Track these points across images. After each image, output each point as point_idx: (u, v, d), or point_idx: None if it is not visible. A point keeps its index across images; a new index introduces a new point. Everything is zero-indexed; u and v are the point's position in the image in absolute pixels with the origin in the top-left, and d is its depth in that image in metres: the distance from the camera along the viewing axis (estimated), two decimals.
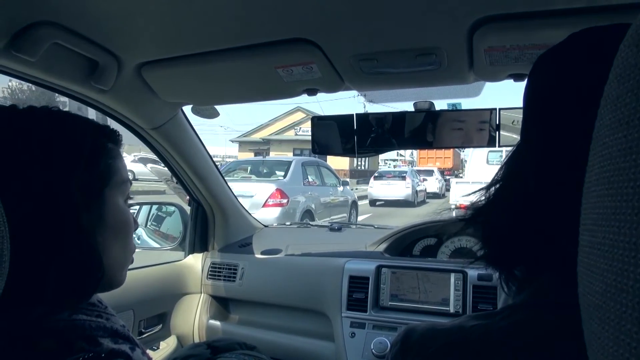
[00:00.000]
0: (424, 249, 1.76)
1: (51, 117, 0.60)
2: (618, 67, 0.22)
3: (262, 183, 7.72)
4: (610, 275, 0.20)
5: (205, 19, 0.90)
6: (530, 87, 0.48)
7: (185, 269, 1.87)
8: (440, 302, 1.48)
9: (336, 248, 1.78)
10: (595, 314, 0.22)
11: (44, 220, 0.51)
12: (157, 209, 2.12)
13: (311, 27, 0.93)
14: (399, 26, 0.90)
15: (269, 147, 26.81)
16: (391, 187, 16.25)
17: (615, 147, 0.21)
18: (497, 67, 1.01)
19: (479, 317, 0.45)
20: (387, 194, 16.22)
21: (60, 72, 1.05)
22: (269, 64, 1.07)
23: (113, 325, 0.55)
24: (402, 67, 1.06)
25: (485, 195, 0.51)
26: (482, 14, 0.84)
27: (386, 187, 16.36)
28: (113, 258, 0.62)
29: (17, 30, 0.86)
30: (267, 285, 1.77)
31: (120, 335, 0.55)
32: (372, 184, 16.94)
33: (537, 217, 0.43)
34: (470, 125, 1.24)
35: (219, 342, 0.95)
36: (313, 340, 1.63)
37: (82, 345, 0.50)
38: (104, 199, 0.61)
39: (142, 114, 1.38)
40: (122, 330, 0.56)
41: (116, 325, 0.56)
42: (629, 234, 0.19)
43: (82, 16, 0.89)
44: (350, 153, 1.33)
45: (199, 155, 1.68)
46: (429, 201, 18.01)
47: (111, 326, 0.55)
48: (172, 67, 1.12)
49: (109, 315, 0.58)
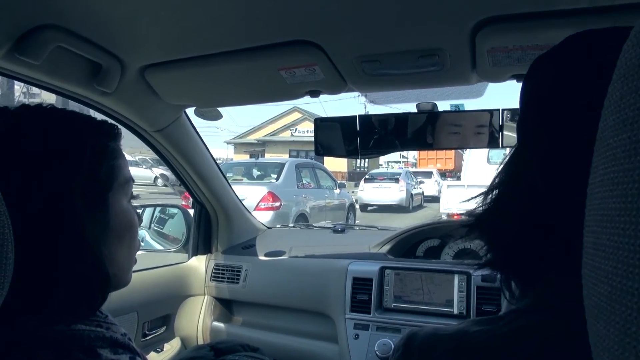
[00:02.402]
0: (427, 250, 1.76)
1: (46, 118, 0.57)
2: (622, 68, 0.22)
3: (253, 186, 7.48)
4: (616, 278, 0.20)
5: (209, 21, 0.90)
6: (528, 90, 0.48)
7: (189, 271, 1.87)
8: (444, 304, 1.47)
9: (340, 250, 1.78)
10: (600, 317, 0.22)
11: (45, 233, 0.50)
12: (160, 211, 2.13)
13: (314, 29, 0.93)
14: (401, 28, 0.90)
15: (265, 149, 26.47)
16: (383, 191, 14.66)
17: (620, 148, 0.21)
18: (500, 68, 1.01)
19: (482, 322, 0.45)
20: (379, 198, 14.69)
21: (64, 75, 1.05)
22: (271, 66, 1.07)
23: (113, 335, 0.54)
24: (404, 69, 1.06)
25: (485, 201, 0.50)
26: (485, 15, 0.84)
27: (378, 191, 14.76)
28: (119, 262, 0.61)
29: (22, 34, 0.87)
30: (270, 287, 1.76)
31: (120, 345, 0.54)
32: (362, 187, 15.27)
33: (544, 220, 0.43)
34: (473, 126, 1.24)
35: (222, 344, 0.95)
36: (317, 342, 1.63)
37: (80, 356, 0.49)
38: (108, 205, 0.59)
39: (145, 117, 1.39)
40: (122, 339, 0.55)
41: (116, 335, 0.54)
42: (634, 235, 0.19)
43: (86, 19, 0.89)
44: (353, 154, 1.33)
45: (202, 158, 1.68)
46: (427, 205, 16.59)
47: (110, 336, 0.53)
48: (175, 70, 1.13)
49: (109, 324, 0.56)
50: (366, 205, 15.08)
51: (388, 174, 16.22)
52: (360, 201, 14.75)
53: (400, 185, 14.71)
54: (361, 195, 15.08)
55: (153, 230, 2.09)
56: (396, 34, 0.93)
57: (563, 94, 0.42)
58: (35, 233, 0.49)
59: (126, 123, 1.37)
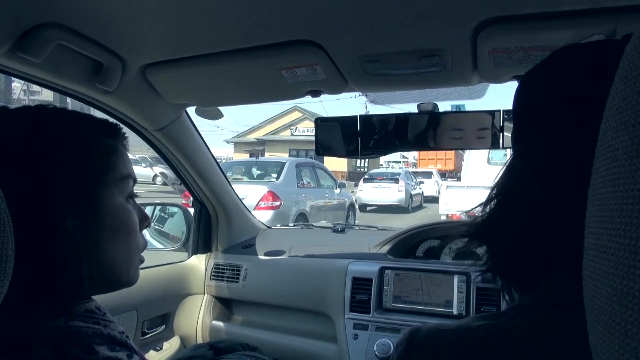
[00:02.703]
0: (427, 250, 1.76)
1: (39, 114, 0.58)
2: (624, 69, 0.22)
3: (254, 185, 7.51)
4: (616, 279, 0.20)
5: (210, 20, 0.90)
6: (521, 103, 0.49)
7: (189, 270, 1.87)
8: (444, 304, 1.47)
9: (339, 250, 1.78)
10: (601, 318, 0.22)
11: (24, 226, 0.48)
12: (160, 209, 2.13)
13: (315, 28, 0.93)
14: (403, 28, 0.90)
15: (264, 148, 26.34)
16: (382, 191, 14.51)
17: (621, 149, 0.21)
18: (501, 68, 1.01)
19: (485, 317, 0.45)
20: (378, 198, 14.55)
21: (65, 74, 1.05)
22: (273, 65, 1.07)
23: (110, 332, 0.54)
24: (406, 69, 1.06)
25: (485, 210, 0.51)
26: (487, 16, 0.84)
27: (377, 191, 14.63)
28: (113, 258, 0.60)
29: (23, 32, 0.87)
30: (270, 286, 1.77)
31: (118, 343, 0.53)
32: (361, 187, 15.14)
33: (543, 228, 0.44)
34: (474, 127, 1.24)
35: (221, 343, 0.95)
36: (316, 341, 1.63)
37: (77, 352, 0.48)
38: (98, 198, 0.58)
39: (146, 115, 1.39)
40: (119, 337, 0.54)
41: (114, 332, 0.54)
42: (635, 237, 0.19)
43: (88, 18, 0.89)
44: (354, 154, 1.33)
45: (202, 157, 1.68)
46: (426, 206, 16.37)
47: (108, 333, 0.53)
48: (176, 69, 1.13)
49: (107, 321, 0.56)
50: (365, 205, 14.93)
51: (387, 174, 16.04)
52: (359, 201, 14.49)
53: (399, 185, 14.57)
54: (360, 195, 14.90)
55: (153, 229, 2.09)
56: (398, 34, 0.93)
57: (556, 104, 0.43)
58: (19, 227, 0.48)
59: (127, 122, 1.37)
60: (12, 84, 12.90)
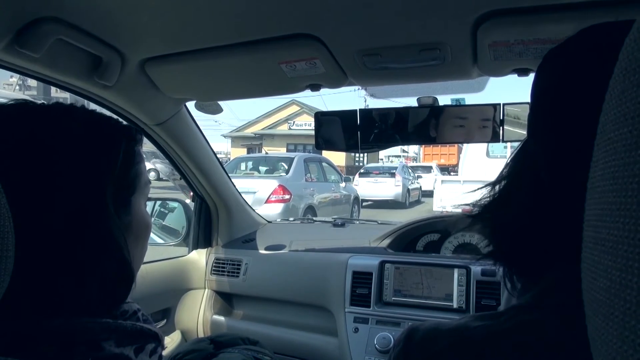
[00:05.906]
0: (427, 244, 1.76)
1: (80, 120, 0.56)
2: (623, 61, 0.22)
3: (264, 179, 7.83)
4: (615, 272, 0.20)
5: (209, 14, 0.90)
6: (539, 82, 0.47)
7: (189, 265, 1.88)
8: (444, 298, 1.48)
9: (340, 244, 1.78)
10: (599, 311, 0.22)
11: (73, 230, 0.50)
12: (160, 205, 2.13)
13: (315, 22, 0.92)
14: (402, 21, 0.90)
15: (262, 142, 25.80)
16: (379, 186, 13.94)
17: (620, 142, 0.21)
18: (501, 62, 1.01)
19: (484, 317, 0.45)
20: (374, 193, 13.92)
21: (64, 68, 1.05)
22: (272, 59, 1.07)
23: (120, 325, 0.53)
24: (406, 63, 1.06)
25: (492, 193, 0.51)
26: (486, 9, 0.84)
27: (373, 186, 14.03)
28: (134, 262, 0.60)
29: (22, 26, 0.86)
30: (270, 280, 1.77)
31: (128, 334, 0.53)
32: (357, 181, 14.17)
33: (548, 213, 0.43)
34: (474, 120, 1.23)
35: (222, 337, 0.95)
36: (316, 335, 1.64)
37: (83, 349, 0.48)
38: (131, 206, 0.59)
39: (145, 110, 1.38)
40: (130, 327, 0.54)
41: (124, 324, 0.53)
42: (634, 230, 0.19)
43: (86, 12, 0.89)
44: (354, 149, 1.33)
45: (202, 151, 1.68)
46: (425, 200, 15.62)
47: (117, 326, 0.52)
48: (175, 63, 1.12)
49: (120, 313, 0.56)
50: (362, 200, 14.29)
51: (384, 168, 15.34)
52: None
53: (396, 179, 14.01)
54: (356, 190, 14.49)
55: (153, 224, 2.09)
56: (397, 27, 0.92)
57: (572, 88, 0.42)
58: (63, 230, 0.49)
59: (126, 116, 1.37)
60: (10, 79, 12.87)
